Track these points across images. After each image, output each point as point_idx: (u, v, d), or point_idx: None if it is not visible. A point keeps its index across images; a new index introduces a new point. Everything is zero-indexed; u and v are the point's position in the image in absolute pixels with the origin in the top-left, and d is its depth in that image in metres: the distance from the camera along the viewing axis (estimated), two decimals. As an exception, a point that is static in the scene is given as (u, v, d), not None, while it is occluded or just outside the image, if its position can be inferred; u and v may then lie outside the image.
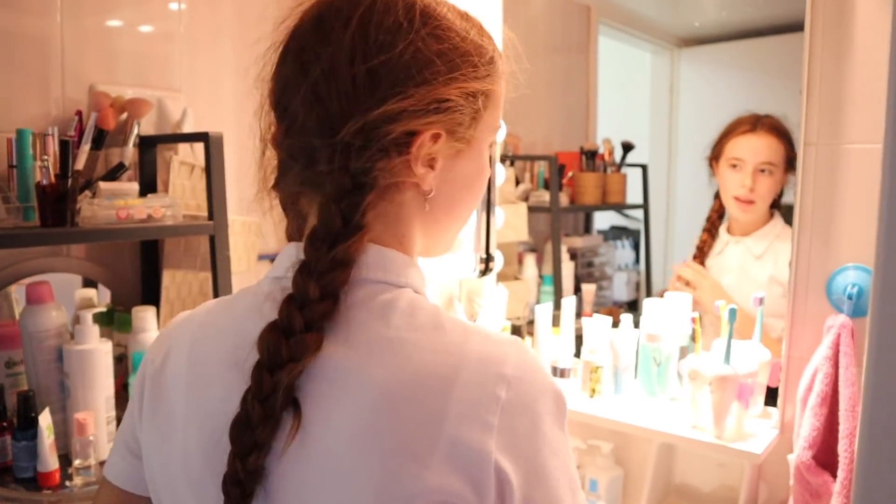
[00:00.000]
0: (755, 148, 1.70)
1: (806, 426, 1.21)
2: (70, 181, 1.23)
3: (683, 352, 1.46)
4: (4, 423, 1.23)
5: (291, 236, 0.67)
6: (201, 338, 0.65)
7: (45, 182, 1.21)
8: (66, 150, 1.23)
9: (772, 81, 2.66)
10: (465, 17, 0.65)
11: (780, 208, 1.84)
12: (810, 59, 1.26)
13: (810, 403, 1.21)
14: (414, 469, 0.52)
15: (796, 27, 1.31)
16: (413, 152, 0.60)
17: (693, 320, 1.37)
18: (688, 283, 1.76)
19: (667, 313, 1.44)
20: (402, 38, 0.59)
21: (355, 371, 0.55)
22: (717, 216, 1.84)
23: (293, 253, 0.63)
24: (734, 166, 1.72)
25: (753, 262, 1.77)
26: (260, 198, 0.66)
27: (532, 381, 0.57)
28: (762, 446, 1.27)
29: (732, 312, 1.29)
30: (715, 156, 1.82)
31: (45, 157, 1.23)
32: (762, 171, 1.68)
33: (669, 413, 1.40)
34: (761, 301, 1.38)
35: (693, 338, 1.40)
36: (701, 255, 1.85)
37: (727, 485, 1.47)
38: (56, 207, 1.23)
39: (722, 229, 1.83)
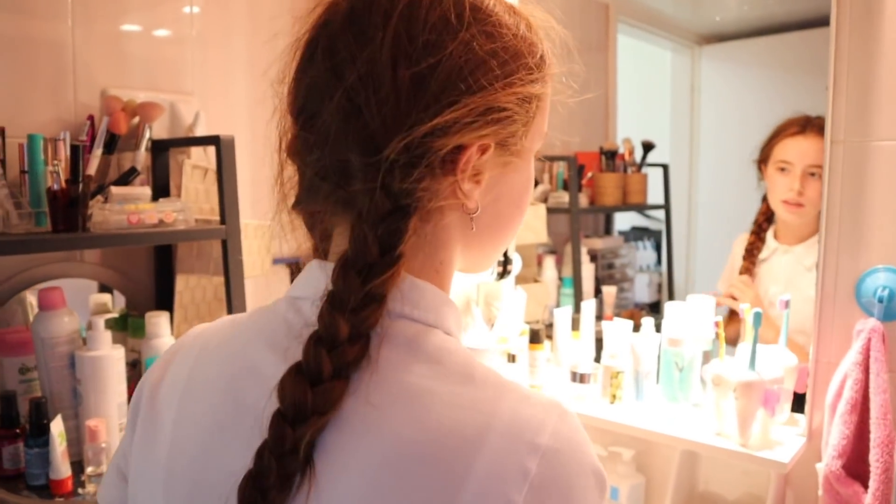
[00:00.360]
0: (804, 150, 1.64)
1: (835, 434, 1.17)
2: (81, 186, 1.23)
3: (706, 356, 1.42)
4: (17, 430, 1.22)
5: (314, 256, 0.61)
6: (205, 358, 0.60)
7: (56, 187, 1.21)
8: (77, 154, 1.23)
9: (796, 78, 2.60)
10: (511, 9, 0.57)
11: None
12: (837, 54, 1.21)
13: (839, 411, 1.17)
14: None
15: (821, 22, 1.27)
16: (461, 168, 0.53)
17: (716, 324, 1.33)
18: (733, 297, 1.72)
19: (689, 317, 1.40)
20: (452, 36, 0.51)
21: (369, 422, 0.49)
22: (763, 219, 1.79)
23: (317, 274, 0.57)
24: (782, 169, 1.66)
25: (804, 274, 1.68)
26: (278, 216, 0.59)
27: (571, 456, 0.49)
28: (789, 455, 1.22)
29: (757, 316, 1.24)
30: (763, 158, 1.76)
31: (56, 162, 1.22)
32: (811, 174, 1.62)
33: (692, 419, 1.36)
34: (787, 304, 1.34)
35: (716, 342, 1.36)
36: (750, 257, 1.80)
37: (752, 493, 1.43)
38: (67, 213, 1.22)
39: (769, 234, 1.77)
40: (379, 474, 0.47)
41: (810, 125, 1.66)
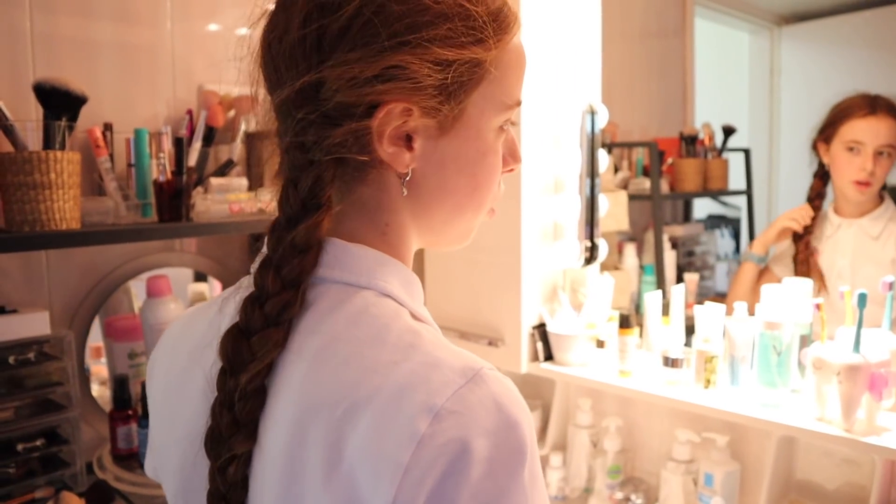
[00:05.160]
0: (876, 131, 1.66)
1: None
2: (185, 177, 1.27)
3: (803, 340, 1.38)
4: (129, 412, 1.28)
5: None
6: (182, 335, 0.63)
7: (162, 179, 1.26)
8: (182, 147, 1.28)
9: (882, 57, 2.50)
10: None
11: (886, 189, 1.77)
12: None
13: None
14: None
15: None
16: (375, 126, 0.53)
17: (817, 307, 1.30)
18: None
19: (786, 300, 1.37)
20: None
21: (287, 378, 0.51)
22: (815, 195, 1.82)
23: None
24: (852, 150, 1.68)
25: (871, 243, 1.72)
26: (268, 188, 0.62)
27: (470, 419, 0.46)
28: (899, 441, 1.18)
29: (862, 297, 1.21)
30: (825, 138, 1.77)
31: (162, 155, 1.27)
32: (881, 153, 1.65)
33: (791, 405, 1.32)
34: (891, 286, 1.29)
35: (815, 326, 1.33)
36: (808, 234, 1.82)
37: (854, 482, 1.39)
38: (172, 203, 1.27)
39: (829, 211, 1.79)
40: (287, 430, 0.49)
41: (879, 105, 1.67)
